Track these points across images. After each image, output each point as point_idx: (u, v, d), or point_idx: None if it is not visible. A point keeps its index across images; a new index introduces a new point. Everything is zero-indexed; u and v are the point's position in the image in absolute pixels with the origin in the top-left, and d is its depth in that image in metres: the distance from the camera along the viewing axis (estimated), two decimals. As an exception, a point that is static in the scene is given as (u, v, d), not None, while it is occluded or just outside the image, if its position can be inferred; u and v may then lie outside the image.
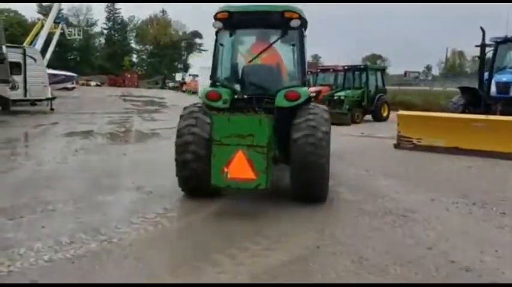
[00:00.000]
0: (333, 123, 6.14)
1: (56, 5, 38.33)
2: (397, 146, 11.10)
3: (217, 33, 6.33)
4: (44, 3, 69.97)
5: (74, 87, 40.04)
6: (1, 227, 4.61)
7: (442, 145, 10.36)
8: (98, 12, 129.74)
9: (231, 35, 6.45)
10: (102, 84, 63.83)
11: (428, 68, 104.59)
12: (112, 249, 4.15)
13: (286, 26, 6.06)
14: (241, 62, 6.76)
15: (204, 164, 5.35)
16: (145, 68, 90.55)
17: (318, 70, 22.89)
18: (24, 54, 18.28)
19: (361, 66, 20.12)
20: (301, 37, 6.28)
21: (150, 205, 5.60)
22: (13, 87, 16.28)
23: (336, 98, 18.81)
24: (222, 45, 6.40)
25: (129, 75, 70.87)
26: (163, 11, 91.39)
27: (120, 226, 4.76)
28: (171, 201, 5.80)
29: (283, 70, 6.61)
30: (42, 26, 39.08)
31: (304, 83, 6.24)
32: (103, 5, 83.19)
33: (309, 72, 25.04)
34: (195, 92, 48.00)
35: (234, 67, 6.70)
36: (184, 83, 56.44)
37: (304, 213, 5.39)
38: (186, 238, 4.59)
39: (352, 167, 8.51)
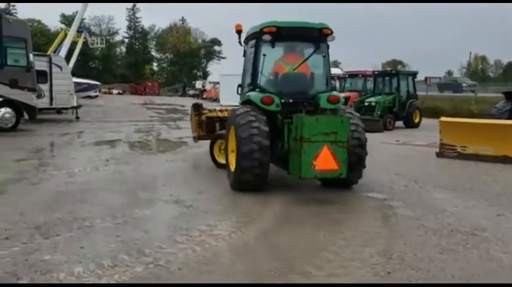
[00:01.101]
0: (364, 131, 6.79)
1: (79, 15, 38.66)
2: (439, 154, 10.50)
3: (257, 43, 7.02)
4: (66, 13, 71.23)
5: (97, 96, 40.18)
6: (37, 247, 4.24)
7: (490, 154, 9.73)
8: (120, 21, 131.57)
9: (273, 46, 7.09)
10: (123, 93, 64.20)
11: (450, 73, 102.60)
12: (160, 274, 3.72)
13: (320, 40, 7.04)
14: (279, 70, 7.36)
15: (266, 155, 6.26)
16: (165, 76, 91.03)
17: (346, 75, 22.32)
18: (50, 62, 18.25)
19: (392, 71, 19.53)
20: (328, 49, 7.25)
21: (192, 221, 5.18)
22: (39, 96, 16.15)
23: (367, 104, 18.22)
24: (264, 55, 7.03)
25: (150, 84, 71.16)
26: (182, 19, 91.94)
27: (164, 246, 4.34)
28: (214, 216, 5.37)
29: (316, 77, 7.35)
30: (65, 35, 39.49)
31: (333, 88, 7.16)
32: (124, 14, 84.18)
33: (336, 78, 24.68)
34: (215, 99, 47.77)
35: (273, 75, 7.38)
36: (205, 90, 56.25)
37: (362, 232, 4.90)
38: (238, 261, 4.14)
39: (399, 177, 7.98)
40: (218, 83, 52.64)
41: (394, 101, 18.13)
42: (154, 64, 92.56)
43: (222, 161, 7.86)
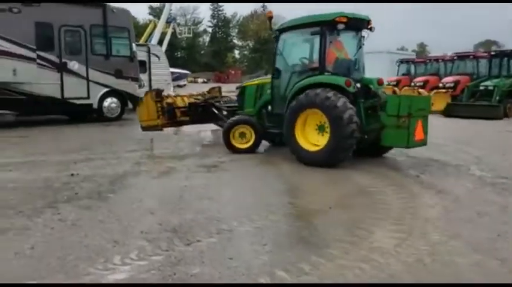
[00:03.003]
0: (480, 117, 7.91)
1: (167, 6, 39.56)
2: None
3: (324, 31, 7.57)
4: (153, 5, 73.83)
5: (185, 85, 41.09)
6: (181, 256, 3.73)
7: None
8: (204, 11, 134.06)
9: (338, 35, 7.81)
10: (208, 81, 65.48)
11: None
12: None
13: (364, 30, 7.98)
14: (331, 56, 7.88)
15: (361, 133, 7.24)
16: (246, 63, 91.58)
17: (455, 57, 20.35)
18: (148, 52, 18.50)
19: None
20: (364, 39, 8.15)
21: (333, 229, 4.45)
22: (140, 86, 16.39)
23: (482, 88, 16.33)
24: (331, 42, 7.75)
25: (233, 72, 72.00)
26: (263, 6, 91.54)
27: (321, 260, 3.65)
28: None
29: (358, 63, 8.18)
30: (155, 26, 40.66)
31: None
32: (208, 3, 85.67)
33: (440, 60, 22.73)
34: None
35: (334, 60, 7.92)
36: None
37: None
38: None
39: None
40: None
41: (514, 85, 16.07)
42: (236, 52, 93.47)
43: (239, 145, 8.59)
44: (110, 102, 14.03)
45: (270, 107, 8.67)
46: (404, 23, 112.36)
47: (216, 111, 9.78)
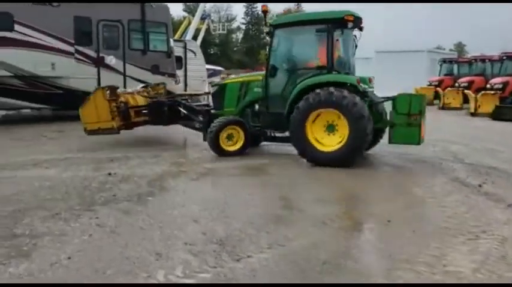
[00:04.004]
0: None
1: (202, 3, 39.44)
2: None
3: (330, 29, 7.39)
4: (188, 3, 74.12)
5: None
6: (231, 274, 3.33)
7: None
8: (237, 8, 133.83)
9: (342, 33, 7.70)
10: (240, 78, 65.35)
11: None
12: None
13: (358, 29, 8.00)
14: (336, 55, 7.71)
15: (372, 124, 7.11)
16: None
17: (503, 57, 19.24)
18: (185, 47, 18.26)
19: None
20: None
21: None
22: (175, 82, 16.17)
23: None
24: (337, 40, 7.65)
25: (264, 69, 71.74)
26: (297, 4, 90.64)
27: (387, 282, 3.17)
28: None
29: (353, 62, 8.11)
30: (189, 22, 40.61)
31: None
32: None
33: (487, 60, 21.61)
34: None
35: (337, 59, 7.69)
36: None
37: None
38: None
39: None
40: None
41: None
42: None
43: (229, 148, 7.90)
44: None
45: (257, 106, 8.22)
46: (432, 23, 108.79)
47: (186, 112, 8.85)
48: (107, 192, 5.54)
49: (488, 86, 18.31)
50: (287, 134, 7.90)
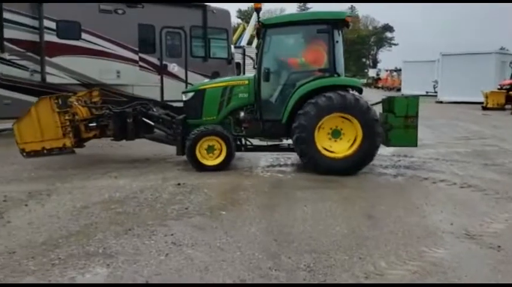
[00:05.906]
0: None
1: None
2: None
3: (332, 30, 7.10)
4: (242, 8, 74.73)
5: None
6: None
7: None
8: (290, 10, 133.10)
9: (339, 34, 7.33)
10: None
11: None
12: None
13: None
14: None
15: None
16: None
17: None
18: (243, 54, 18.06)
19: None
20: None
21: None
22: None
23: None
24: (337, 42, 7.22)
25: (318, 73, 70.83)
26: (351, 7, 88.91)
27: None
28: None
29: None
30: (244, 28, 40.67)
31: None
32: (295, 4, 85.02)
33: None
34: (392, 89, 44.42)
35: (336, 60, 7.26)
36: (379, 79, 53.10)
37: None
38: None
39: None
40: (395, 70, 49.13)
41: None
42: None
43: (208, 162, 7.14)
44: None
45: (242, 114, 7.38)
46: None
47: (152, 123, 7.74)
48: (178, 204, 5.29)
49: None
50: (276, 142, 7.70)
